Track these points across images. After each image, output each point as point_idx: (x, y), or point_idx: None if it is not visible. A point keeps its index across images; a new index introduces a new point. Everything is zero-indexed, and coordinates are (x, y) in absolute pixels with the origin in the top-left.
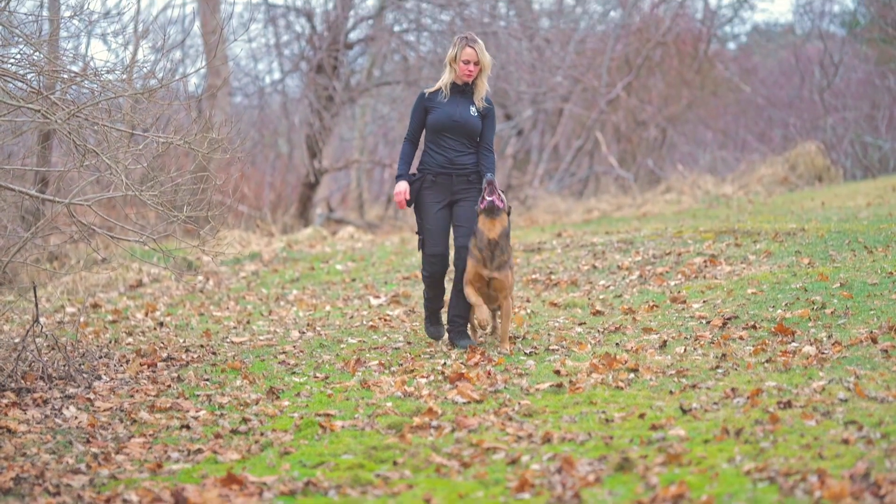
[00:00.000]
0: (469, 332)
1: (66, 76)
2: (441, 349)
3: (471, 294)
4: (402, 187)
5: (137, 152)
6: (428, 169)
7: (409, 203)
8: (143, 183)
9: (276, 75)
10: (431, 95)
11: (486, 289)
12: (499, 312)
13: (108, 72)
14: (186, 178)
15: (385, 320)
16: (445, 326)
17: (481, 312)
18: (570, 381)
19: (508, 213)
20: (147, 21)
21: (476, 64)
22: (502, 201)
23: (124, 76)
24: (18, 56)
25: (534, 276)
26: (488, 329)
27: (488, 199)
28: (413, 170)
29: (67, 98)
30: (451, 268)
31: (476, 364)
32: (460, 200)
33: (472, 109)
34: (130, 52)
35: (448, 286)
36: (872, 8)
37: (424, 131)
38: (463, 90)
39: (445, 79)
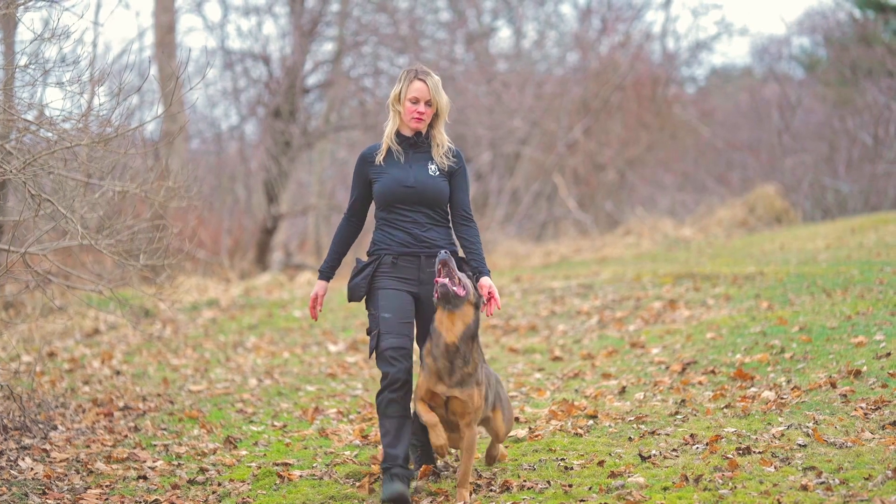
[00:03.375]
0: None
1: (21, 125)
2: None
3: (422, 411)
4: (317, 290)
5: (93, 201)
6: (385, 249)
7: (355, 298)
8: (100, 231)
9: (234, 120)
10: (379, 157)
11: (442, 411)
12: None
13: (63, 120)
14: (143, 226)
15: (343, 367)
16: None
17: (436, 436)
18: (530, 429)
19: (477, 307)
20: (103, 67)
21: (428, 104)
22: (464, 288)
23: (80, 125)
24: None
25: (493, 322)
26: (440, 462)
27: (441, 282)
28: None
29: (23, 146)
30: None
31: None
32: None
33: (432, 168)
34: (86, 99)
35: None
36: (830, 50)
37: (374, 204)
38: (416, 143)
39: (388, 128)
